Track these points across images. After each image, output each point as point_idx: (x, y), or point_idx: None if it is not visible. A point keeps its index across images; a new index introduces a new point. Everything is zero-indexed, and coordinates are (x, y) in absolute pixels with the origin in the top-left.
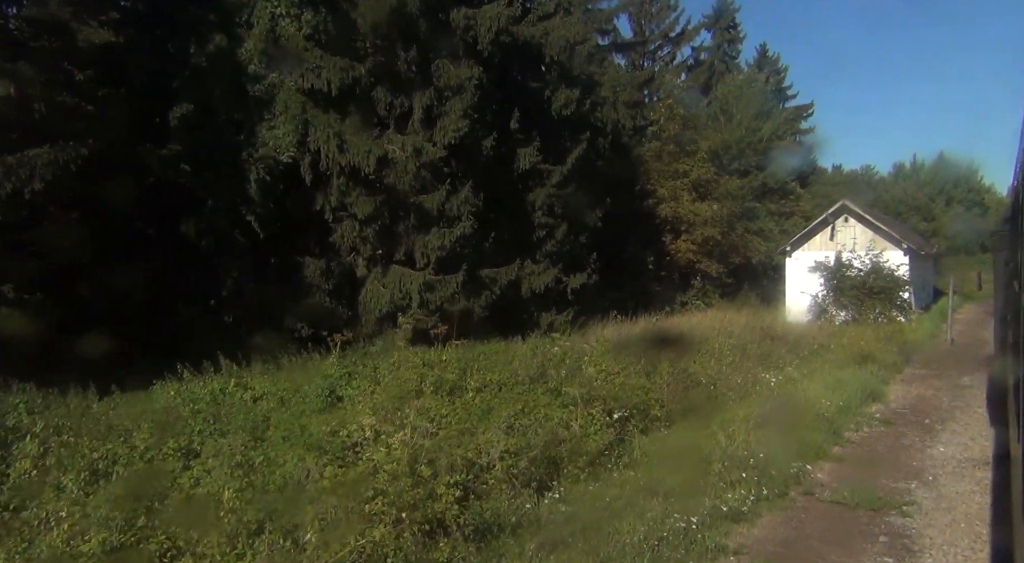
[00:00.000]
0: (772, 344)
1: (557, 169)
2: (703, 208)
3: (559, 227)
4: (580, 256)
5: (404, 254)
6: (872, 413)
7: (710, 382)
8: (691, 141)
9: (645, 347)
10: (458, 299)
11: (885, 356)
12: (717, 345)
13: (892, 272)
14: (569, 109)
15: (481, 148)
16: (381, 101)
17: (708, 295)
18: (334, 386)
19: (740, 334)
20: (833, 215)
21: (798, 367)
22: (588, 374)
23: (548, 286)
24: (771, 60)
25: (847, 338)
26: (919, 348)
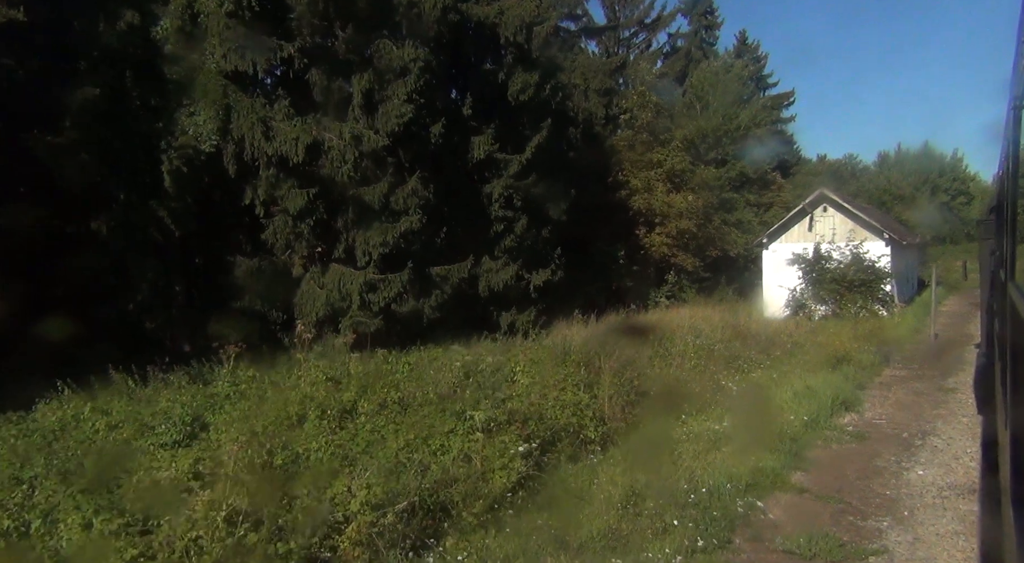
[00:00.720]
0: (743, 344)
1: (515, 159)
2: (678, 199)
3: (519, 221)
4: (544, 251)
5: (344, 252)
6: (844, 426)
7: (664, 392)
8: (665, 130)
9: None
10: (406, 300)
11: (863, 356)
12: (681, 347)
13: (873, 263)
14: (527, 94)
15: (429, 136)
16: (317, 85)
17: (684, 290)
18: (201, 411)
19: (709, 333)
20: (811, 205)
21: (767, 371)
22: (519, 387)
23: (508, 284)
24: (750, 47)
25: (825, 335)
26: (901, 345)
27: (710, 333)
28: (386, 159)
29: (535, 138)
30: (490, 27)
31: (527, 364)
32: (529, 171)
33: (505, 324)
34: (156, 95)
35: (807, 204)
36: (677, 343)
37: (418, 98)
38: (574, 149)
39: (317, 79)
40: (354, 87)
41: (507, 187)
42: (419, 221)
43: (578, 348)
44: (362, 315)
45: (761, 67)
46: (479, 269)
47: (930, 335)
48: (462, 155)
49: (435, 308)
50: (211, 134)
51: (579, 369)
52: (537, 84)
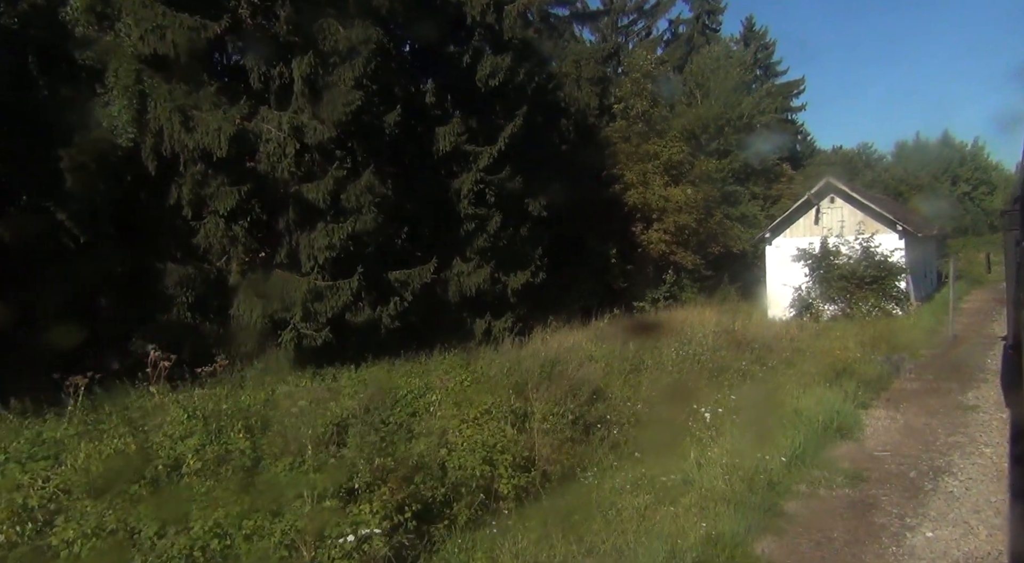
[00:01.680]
0: (736, 352)
1: (486, 150)
2: (675, 193)
3: (492, 218)
4: (523, 251)
5: (286, 256)
6: (837, 461)
7: (621, 422)
8: (663, 119)
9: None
10: (361, 309)
11: (868, 367)
12: (661, 358)
13: (886, 258)
14: (497, 79)
15: (383, 126)
16: (254, 71)
17: (686, 290)
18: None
19: (701, 339)
20: (817, 195)
21: (758, 385)
22: (436, 423)
23: (482, 287)
24: (758, 34)
25: (830, 339)
26: (914, 350)
27: (701, 339)
28: (334, 152)
29: (508, 127)
30: (455, 5)
31: (456, 388)
32: (503, 164)
33: (479, 332)
34: (66, 84)
35: (812, 195)
36: (655, 355)
37: (369, 84)
38: (567, 142)
39: (254, 64)
40: (295, 72)
41: (477, 182)
42: (374, 221)
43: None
44: (306, 327)
45: (769, 54)
46: (449, 272)
47: (948, 337)
48: (426, 147)
49: (394, 317)
50: (127, 126)
51: (511, 396)
52: (510, 68)
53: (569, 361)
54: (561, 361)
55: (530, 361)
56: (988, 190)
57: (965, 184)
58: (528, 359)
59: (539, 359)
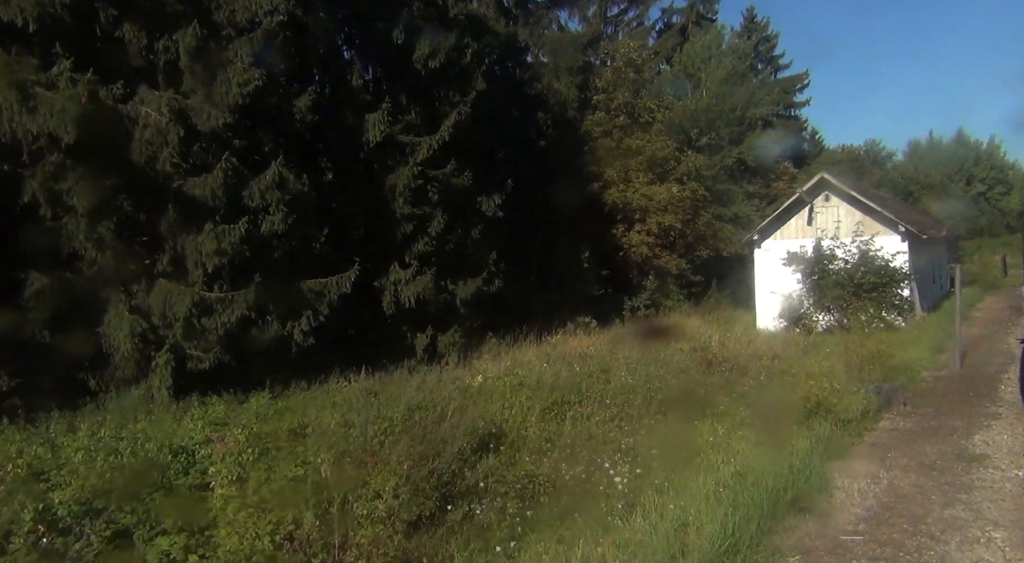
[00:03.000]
0: (703, 375)
1: (424, 141)
2: (659, 191)
3: (434, 219)
4: (474, 256)
5: (170, 263)
6: (783, 555)
7: (504, 491)
8: (647, 111)
9: (430, 409)
10: (269, 323)
11: (852, 399)
12: (608, 384)
13: (887, 263)
14: (438, 60)
15: (293, 112)
16: (133, 44)
17: (671, 297)
18: None
19: (664, 358)
20: (811, 193)
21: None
22: (212, 502)
23: (424, 297)
24: (759, 25)
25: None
26: (913, 373)
27: (666, 358)
28: (231, 141)
29: (452, 115)
30: None
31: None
32: (447, 156)
33: (421, 347)
34: None
35: (805, 192)
36: (611, 375)
37: (274, 62)
38: (544, 137)
39: (133, 36)
40: (180, 46)
41: (416, 177)
42: (283, 222)
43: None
44: (193, 346)
45: (771, 47)
46: (385, 280)
47: (955, 355)
48: (355, 137)
49: (308, 333)
50: None
51: (330, 460)
52: (454, 48)
53: (491, 391)
54: (478, 391)
55: (441, 390)
56: (1004, 190)
57: (980, 184)
58: (446, 386)
59: (449, 389)
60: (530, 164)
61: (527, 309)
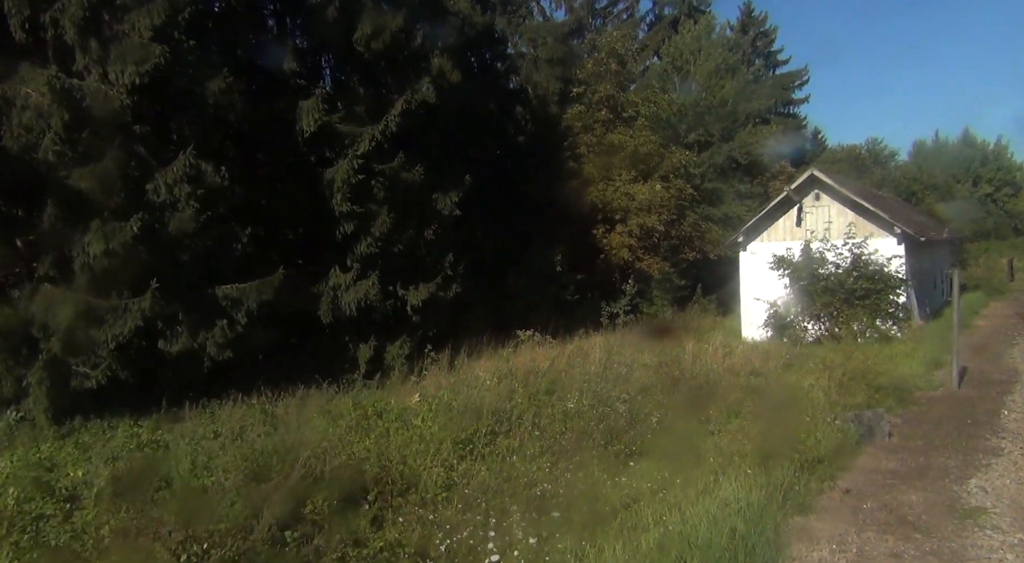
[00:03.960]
0: (669, 394)
1: (367, 132)
2: (641, 190)
3: (379, 217)
4: (427, 259)
5: (53, 266)
6: None
7: None
8: (631, 105)
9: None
10: (179, 334)
11: (825, 432)
12: (552, 409)
13: (881, 267)
14: (383, 42)
15: (204, 95)
16: (15, 15)
17: (655, 302)
18: None
19: (626, 374)
20: (799, 191)
21: (658, 464)
22: None
23: (368, 304)
24: (756, 20)
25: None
26: (904, 394)
27: (628, 374)
28: (131, 128)
29: (398, 104)
30: None
31: None
32: (394, 149)
33: (364, 359)
34: None
35: (793, 191)
36: (562, 395)
37: (180, 37)
38: (523, 132)
39: (13, 7)
40: (65, 18)
41: (356, 171)
42: (194, 219)
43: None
44: (79, 362)
45: (770, 42)
46: (323, 285)
47: (952, 373)
48: (289, 127)
49: (224, 345)
50: None
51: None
52: (402, 30)
53: (409, 417)
54: (396, 418)
55: (340, 419)
56: (1012, 191)
57: (987, 185)
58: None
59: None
60: (507, 160)
61: (493, 316)
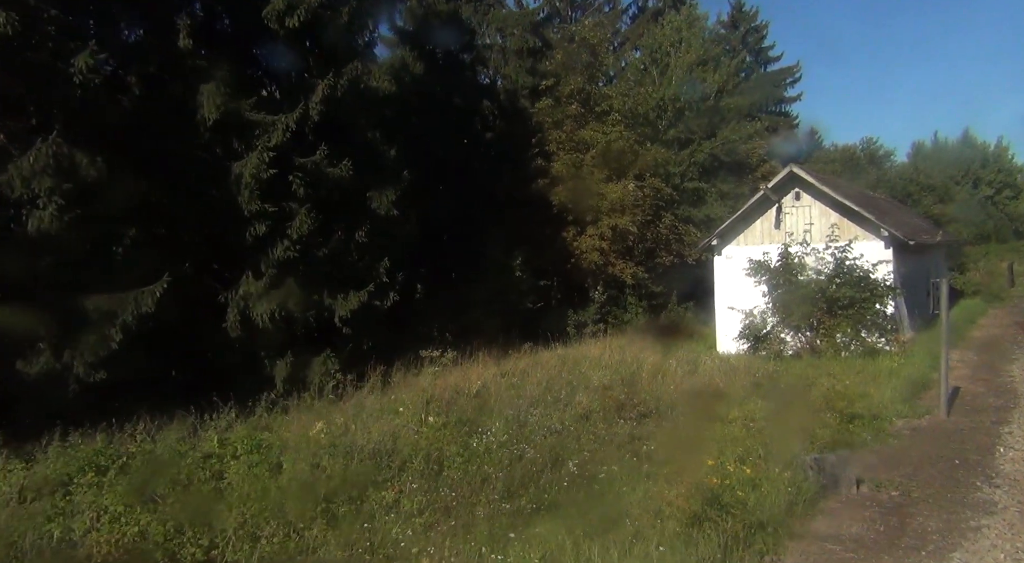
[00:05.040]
0: (606, 425)
1: (280, 121)
2: (612, 189)
3: (297, 217)
4: (360, 264)
5: None
6: None
7: None
8: (604, 98)
9: None
10: (41, 352)
11: (773, 485)
12: (447, 449)
13: (867, 273)
14: (298, 17)
15: (69, 70)
16: None
17: (629, 310)
18: None
19: (570, 397)
20: (778, 190)
21: (539, 535)
22: None
23: (285, 314)
24: (747, 15)
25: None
26: (885, 421)
27: (571, 397)
28: None
29: (319, 90)
30: None
31: None
32: (317, 141)
33: (281, 378)
34: None
35: (771, 189)
36: (483, 428)
37: (39, 4)
38: (490, 128)
39: None
40: None
41: (269, 165)
42: (56, 218)
43: None
44: None
45: (761, 38)
46: (233, 293)
47: (940, 399)
48: (189, 114)
49: (96, 364)
50: None
51: None
52: (324, 5)
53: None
54: (262, 460)
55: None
56: (1012, 194)
57: (987, 187)
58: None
59: (193, 456)
60: (474, 159)
61: (440, 327)
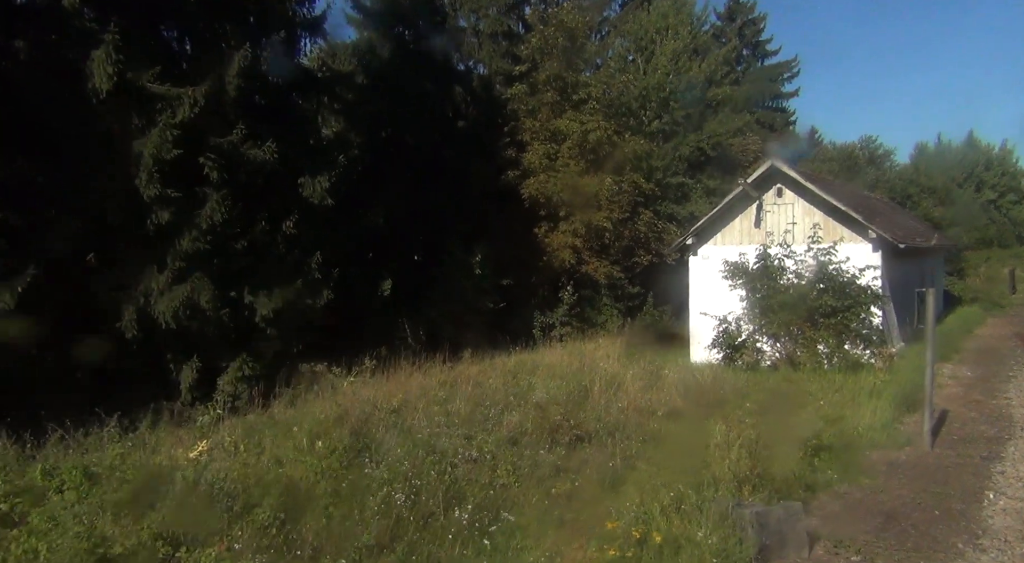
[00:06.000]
0: (532, 450)
1: (186, 94)
2: (587, 183)
3: (208, 204)
4: (287, 259)
5: None
6: None
7: None
8: (582, 86)
9: None
10: None
11: (709, 544)
12: (316, 484)
13: (853, 279)
14: None
15: None
16: None
17: (604, 312)
18: None
19: (495, 415)
20: (758, 185)
21: None
22: None
23: (192, 313)
24: (744, 7)
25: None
26: (854, 456)
27: (501, 415)
28: None
29: (235, 61)
30: None
31: None
32: (238, 119)
33: (187, 385)
34: None
35: (751, 184)
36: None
37: None
38: (463, 117)
39: None
40: None
41: (174, 144)
42: None
43: None
44: None
45: (758, 31)
46: (132, 289)
47: (924, 427)
48: (78, 84)
49: None
50: None
51: None
52: None
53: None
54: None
55: None
56: (1016, 198)
57: (991, 191)
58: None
59: None
60: (445, 148)
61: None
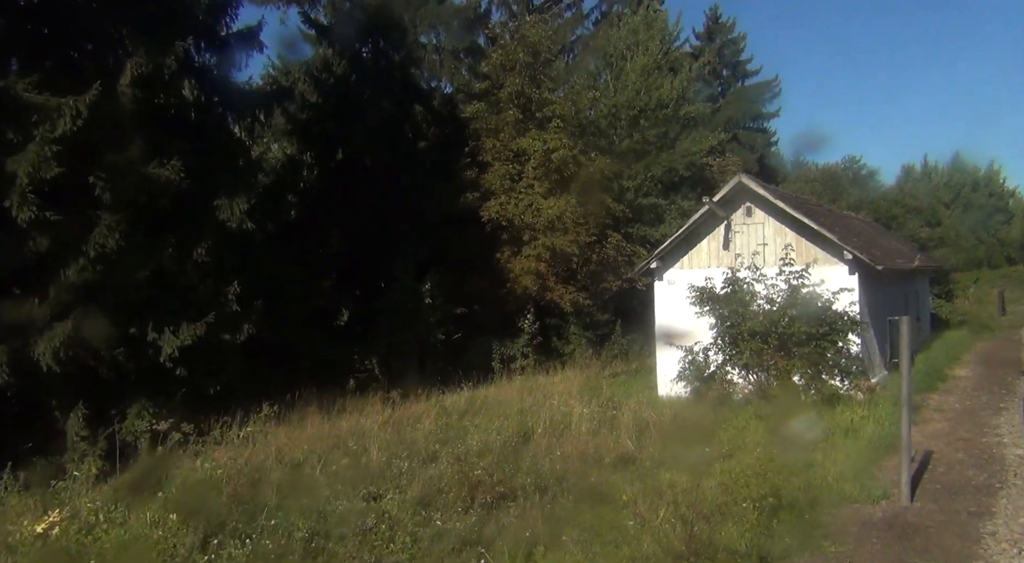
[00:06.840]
0: (447, 516)
1: (67, 105)
2: (549, 205)
3: (100, 228)
4: (201, 289)
5: None
6: None
7: None
8: (547, 103)
9: None
10: None
11: None
12: None
13: (828, 304)
14: None
15: None
16: None
17: (572, 342)
18: None
19: (416, 469)
20: (726, 205)
21: None
22: None
23: (86, 353)
24: (724, 26)
25: (679, 466)
26: (817, 522)
27: (416, 470)
28: None
29: (128, 69)
30: None
31: None
32: (141, 134)
33: (74, 435)
34: None
35: (717, 203)
36: None
37: None
38: (423, 136)
39: None
40: None
41: (55, 161)
42: None
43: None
44: None
45: (738, 51)
46: (3, 328)
47: (902, 478)
48: None
49: None
50: None
51: None
52: None
53: None
54: None
55: None
56: (1004, 219)
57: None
58: None
59: None
60: (404, 171)
61: (325, 366)
